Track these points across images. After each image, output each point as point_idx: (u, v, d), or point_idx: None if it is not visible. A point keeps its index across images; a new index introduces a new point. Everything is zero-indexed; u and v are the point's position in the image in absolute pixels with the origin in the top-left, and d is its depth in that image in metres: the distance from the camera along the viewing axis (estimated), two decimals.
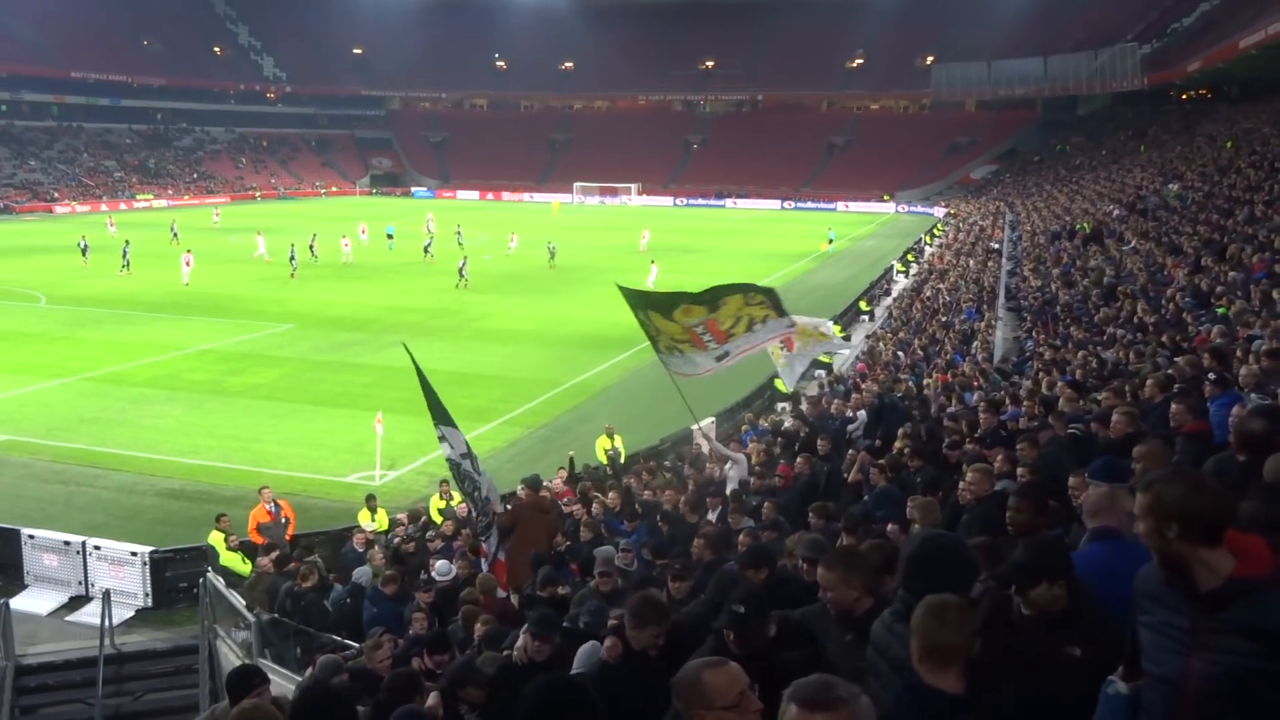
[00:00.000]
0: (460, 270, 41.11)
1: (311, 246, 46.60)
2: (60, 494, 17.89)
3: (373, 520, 14.57)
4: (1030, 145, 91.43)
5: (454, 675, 5.72)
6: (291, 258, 44.05)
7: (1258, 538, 2.98)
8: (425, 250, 49.54)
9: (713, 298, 11.71)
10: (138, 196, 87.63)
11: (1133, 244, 27.16)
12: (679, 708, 2.99)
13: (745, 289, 11.94)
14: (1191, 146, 47.53)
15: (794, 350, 12.69)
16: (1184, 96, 77.49)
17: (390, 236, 55.82)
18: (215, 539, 13.71)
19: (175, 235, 50.67)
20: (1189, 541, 2.81)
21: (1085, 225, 34.44)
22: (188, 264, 40.98)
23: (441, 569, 11.21)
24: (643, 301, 12.26)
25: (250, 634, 11.29)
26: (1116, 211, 35.46)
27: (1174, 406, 7.40)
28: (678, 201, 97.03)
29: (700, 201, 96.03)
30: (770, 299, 11.79)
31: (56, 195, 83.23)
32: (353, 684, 6.92)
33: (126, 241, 46.07)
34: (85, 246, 46.02)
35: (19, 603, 13.47)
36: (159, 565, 14.07)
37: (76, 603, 14.08)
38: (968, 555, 4.18)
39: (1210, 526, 2.83)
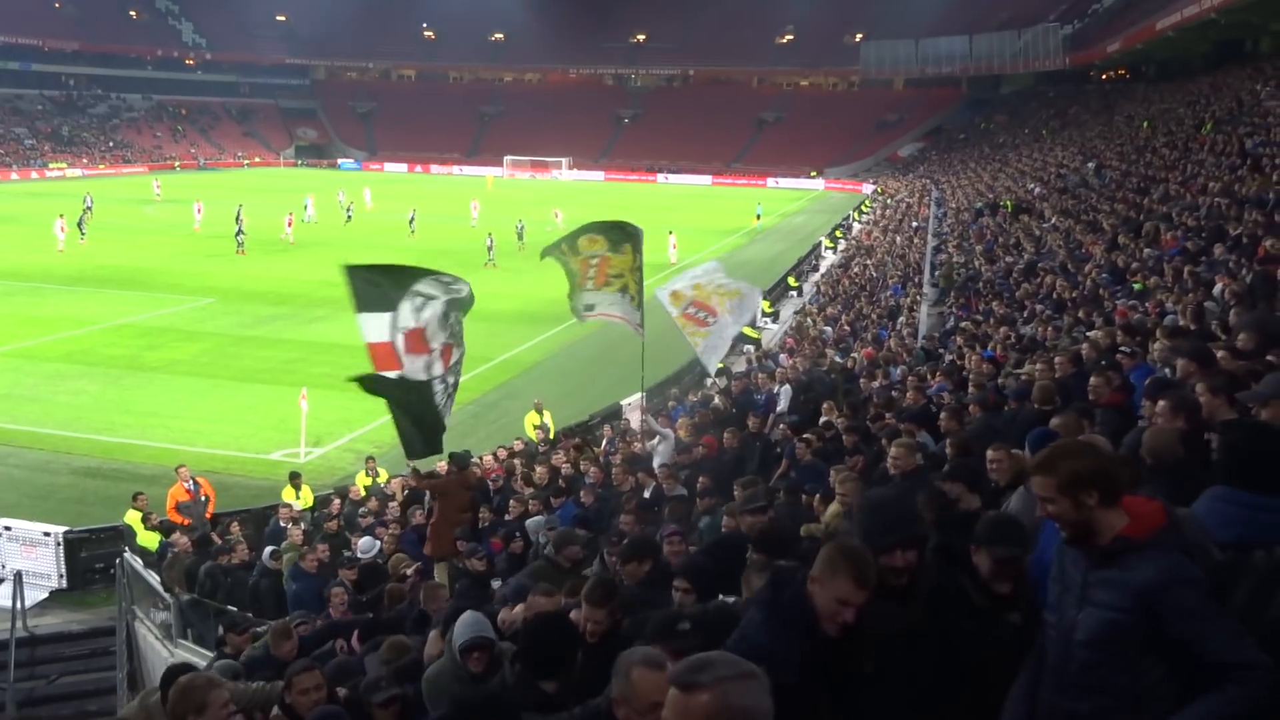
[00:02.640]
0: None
1: (238, 218, 45.33)
2: None
3: (297, 497, 14.33)
4: (956, 123, 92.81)
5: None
6: (239, 232, 42.67)
7: (1154, 501, 3.11)
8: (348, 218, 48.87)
9: (615, 239, 12.65)
10: (50, 165, 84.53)
11: (1053, 221, 27.78)
12: (611, 688, 2.97)
13: (635, 240, 12.61)
14: (1111, 126, 48.67)
15: (718, 317, 12.98)
16: (1104, 76, 79.25)
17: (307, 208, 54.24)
18: (132, 518, 13.39)
19: (89, 208, 48.30)
20: (1104, 506, 2.94)
21: (1008, 202, 35.12)
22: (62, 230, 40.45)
23: (365, 545, 11.10)
24: (567, 237, 13.16)
25: (169, 615, 11.06)
26: (1038, 189, 36.22)
27: (1093, 380, 7.59)
28: (609, 176, 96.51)
29: (632, 177, 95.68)
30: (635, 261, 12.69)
31: None
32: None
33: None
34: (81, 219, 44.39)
35: None
36: (73, 545, 13.73)
37: None
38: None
39: (1118, 490, 2.97)
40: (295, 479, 14.76)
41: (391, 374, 8.88)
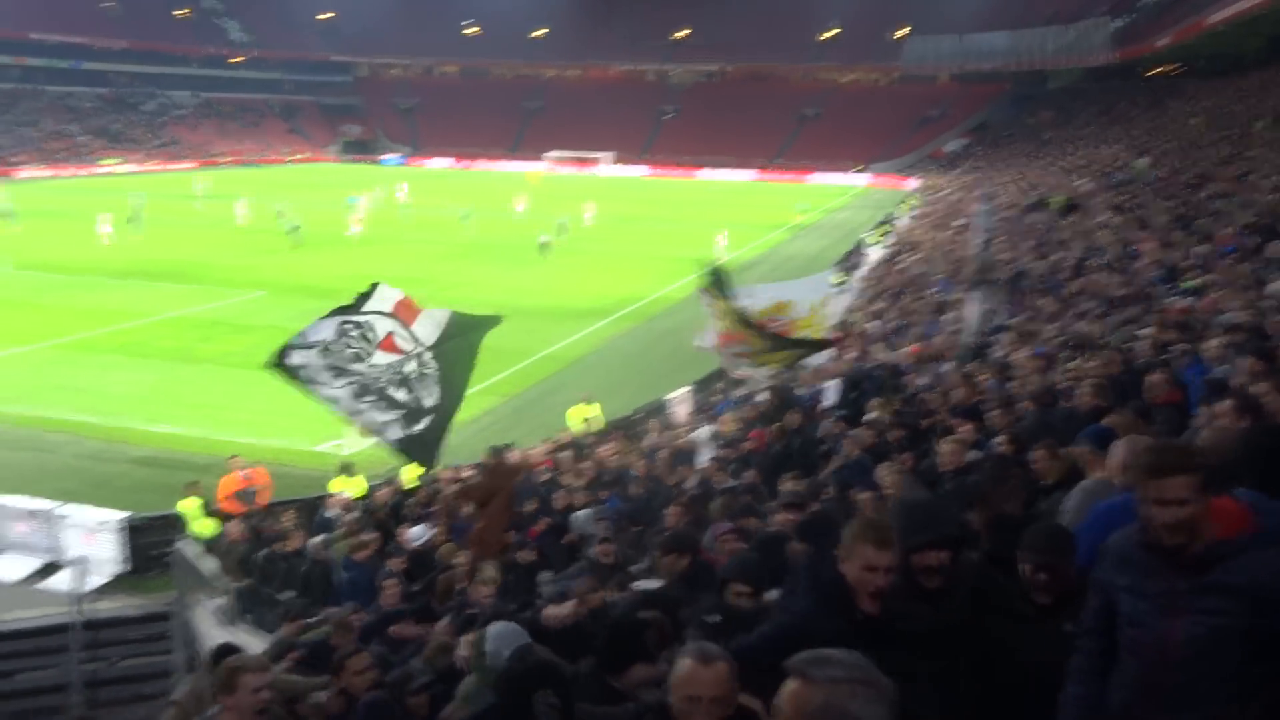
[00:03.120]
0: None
1: (283, 213, 45.67)
2: (31, 461, 17.72)
3: (348, 488, 14.55)
4: (1001, 119, 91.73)
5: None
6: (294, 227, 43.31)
7: (1232, 500, 3.08)
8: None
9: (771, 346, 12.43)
10: (101, 161, 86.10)
11: (1103, 218, 27.44)
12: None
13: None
14: (1161, 121, 47.95)
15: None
16: (1153, 72, 77.96)
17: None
18: (187, 506, 13.67)
19: (139, 205, 48.57)
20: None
21: (1061, 199, 34.72)
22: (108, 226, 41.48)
23: (415, 534, 11.24)
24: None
25: (225, 600, 11.31)
26: (1087, 185, 35.77)
27: (1150, 378, 7.52)
28: (653, 171, 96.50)
29: (675, 172, 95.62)
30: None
31: (17, 160, 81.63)
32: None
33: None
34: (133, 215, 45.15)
35: None
36: (131, 532, 14.02)
37: (48, 570, 14.00)
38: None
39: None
40: (347, 469, 14.99)
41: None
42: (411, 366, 9.51)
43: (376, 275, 35.13)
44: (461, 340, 9.91)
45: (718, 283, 12.17)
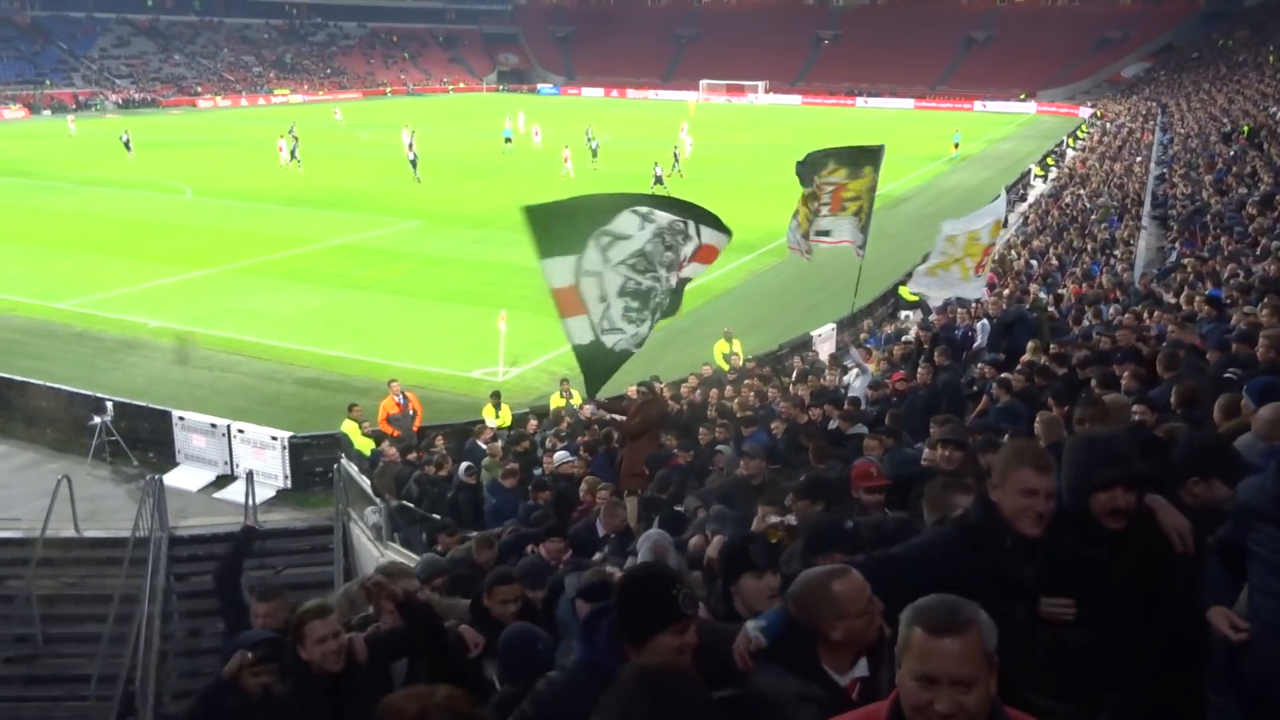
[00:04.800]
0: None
1: (411, 144, 45.51)
2: (206, 379, 18.94)
3: (496, 417, 14.99)
4: (1190, 40, 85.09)
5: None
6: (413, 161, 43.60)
7: None
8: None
9: (855, 163, 13.15)
10: (275, 92, 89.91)
11: None
12: (800, 618, 2.97)
13: (875, 160, 13.06)
14: None
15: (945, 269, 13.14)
16: None
17: (509, 140, 54.15)
18: (349, 428, 14.36)
19: (294, 138, 49.33)
20: None
21: (1246, 127, 32.16)
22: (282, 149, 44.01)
23: (560, 458, 11.48)
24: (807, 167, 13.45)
25: (380, 518, 11.88)
26: None
27: None
28: (805, 101, 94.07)
29: (830, 101, 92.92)
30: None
31: (200, 90, 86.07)
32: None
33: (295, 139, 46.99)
34: (294, 147, 46.18)
35: (171, 479, 14.43)
36: (297, 450, 14.84)
37: (222, 481, 15.02)
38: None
39: None
40: (496, 398, 15.43)
41: (577, 319, 8.13)
42: (660, 293, 8.84)
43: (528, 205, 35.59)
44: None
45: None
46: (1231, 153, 29.46)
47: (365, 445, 14.22)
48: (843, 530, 4.25)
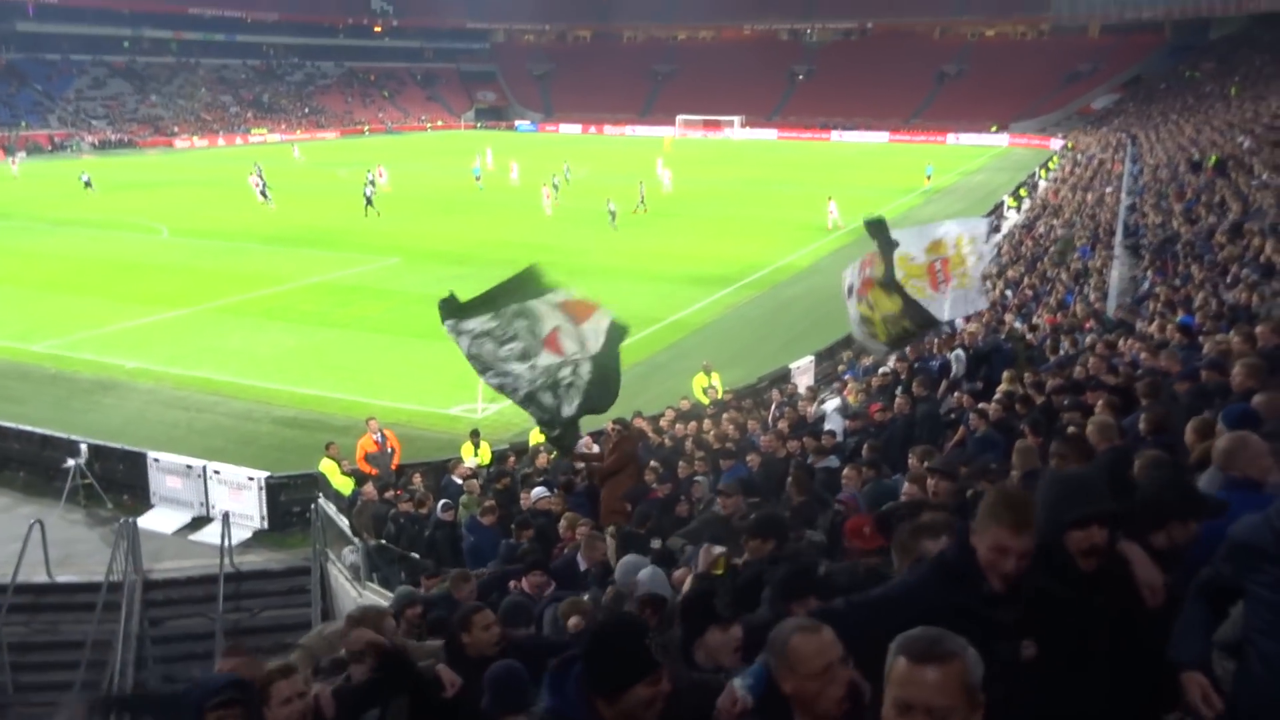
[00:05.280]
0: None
1: (372, 180, 45.74)
2: (183, 419, 18.78)
3: (475, 455, 14.92)
4: (1157, 72, 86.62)
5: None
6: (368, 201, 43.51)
7: None
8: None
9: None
10: (253, 131, 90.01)
11: (1263, 177, 25.69)
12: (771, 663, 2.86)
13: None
14: None
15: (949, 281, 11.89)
16: None
17: (478, 178, 53.94)
18: (327, 466, 14.25)
19: (261, 178, 48.93)
20: None
21: (1214, 157, 32.64)
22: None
23: (537, 494, 11.40)
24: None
25: (358, 558, 11.77)
26: (1247, 143, 33.52)
27: None
28: (781, 135, 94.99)
29: (805, 135, 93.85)
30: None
31: (176, 130, 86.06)
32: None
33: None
34: (262, 186, 46.67)
35: (146, 522, 14.28)
36: (274, 490, 14.73)
37: (198, 523, 14.85)
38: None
39: None
40: (475, 436, 15.36)
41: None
42: (566, 373, 8.62)
43: (506, 241, 35.65)
44: (610, 350, 8.85)
45: (879, 231, 11.25)
46: (1200, 182, 29.87)
47: (344, 485, 14.11)
48: (815, 576, 4.25)
